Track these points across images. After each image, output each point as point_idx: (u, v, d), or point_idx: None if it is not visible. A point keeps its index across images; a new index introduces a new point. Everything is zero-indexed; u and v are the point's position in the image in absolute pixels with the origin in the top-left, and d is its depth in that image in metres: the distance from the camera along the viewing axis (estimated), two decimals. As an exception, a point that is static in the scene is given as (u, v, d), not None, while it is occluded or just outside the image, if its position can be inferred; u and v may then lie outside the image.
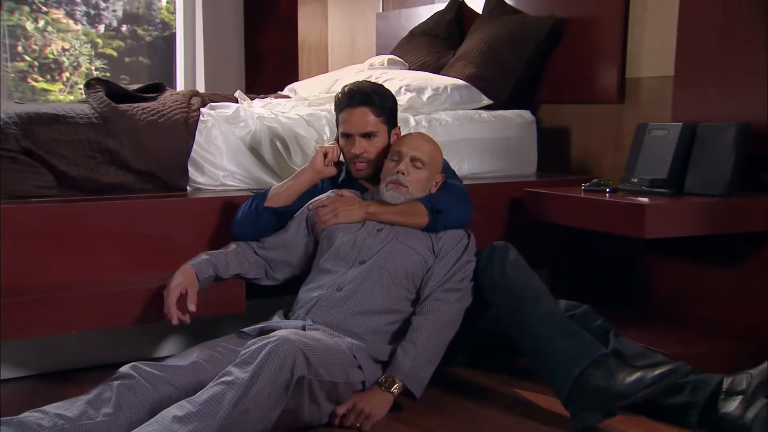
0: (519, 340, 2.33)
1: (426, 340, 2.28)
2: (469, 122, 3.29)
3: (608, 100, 3.41)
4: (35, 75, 5.46)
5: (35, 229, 2.36)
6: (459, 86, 3.41)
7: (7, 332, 2.22)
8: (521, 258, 2.44)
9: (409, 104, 3.25)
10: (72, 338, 2.56)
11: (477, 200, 2.87)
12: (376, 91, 2.57)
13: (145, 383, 1.98)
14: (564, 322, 2.29)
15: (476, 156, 3.29)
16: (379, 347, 2.30)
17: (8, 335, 2.25)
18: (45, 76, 5.46)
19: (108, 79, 2.93)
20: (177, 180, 2.70)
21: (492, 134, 3.33)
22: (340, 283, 2.35)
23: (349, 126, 2.55)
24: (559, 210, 2.89)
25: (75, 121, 2.54)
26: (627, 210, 2.62)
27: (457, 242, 2.47)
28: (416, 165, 2.48)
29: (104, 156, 2.58)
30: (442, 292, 2.37)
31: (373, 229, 2.47)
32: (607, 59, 3.41)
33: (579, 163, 3.60)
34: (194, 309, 2.28)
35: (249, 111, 2.93)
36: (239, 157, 2.82)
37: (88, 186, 2.57)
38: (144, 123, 2.64)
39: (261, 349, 1.93)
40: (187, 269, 2.35)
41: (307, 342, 2.01)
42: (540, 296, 2.33)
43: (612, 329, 2.42)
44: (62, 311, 2.30)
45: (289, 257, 2.53)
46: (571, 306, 2.49)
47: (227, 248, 2.49)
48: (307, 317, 2.31)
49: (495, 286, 2.38)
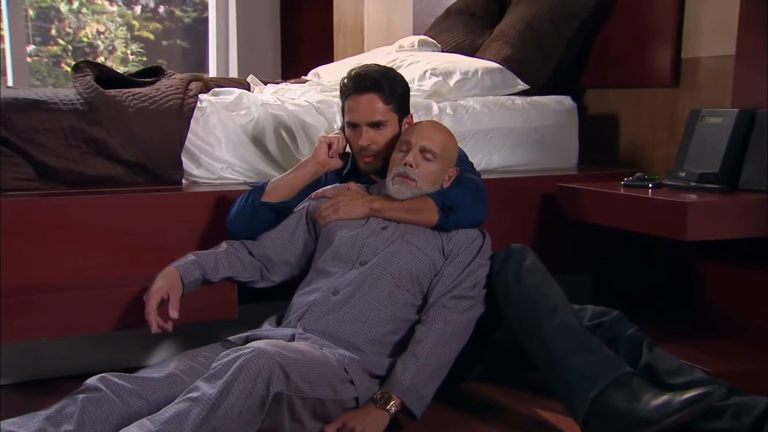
0: (533, 354, 2.24)
1: (429, 352, 2.18)
2: (499, 109, 3.19)
3: (661, 83, 3.28)
4: (69, 59, 5.48)
5: (10, 226, 2.32)
6: (491, 70, 3.31)
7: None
8: (540, 263, 2.33)
9: (433, 90, 3.16)
10: (54, 344, 2.52)
11: (504, 196, 2.85)
12: (385, 76, 2.47)
13: (113, 397, 1.91)
14: (582, 336, 2.17)
15: (508, 147, 3.19)
16: (378, 360, 2.21)
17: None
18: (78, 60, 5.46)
19: (99, 63, 2.88)
20: (170, 172, 2.64)
21: (526, 123, 3.22)
22: (336, 286, 2.27)
23: (355, 114, 2.47)
24: (593, 208, 2.78)
25: (57, 108, 2.50)
26: (667, 209, 2.50)
27: (469, 243, 2.37)
28: (426, 156, 2.38)
29: (90, 146, 2.53)
30: (450, 299, 2.27)
31: (377, 226, 2.39)
32: (659, 37, 3.27)
33: (628, 155, 3.47)
34: (176, 316, 2.22)
35: (252, 97, 2.86)
36: (239, 148, 2.76)
37: (71, 178, 2.52)
38: (134, 110, 2.59)
39: (232, 362, 1.85)
40: (171, 271, 2.28)
41: (287, 354, 1.93)
42: (557, 305, 2.22)
43: (645, 340, 2.30)
44: (38, 316, 2.25)
45: (286, 256, 2.45)
46: (599, 313, 2.37)
47: (217, 248, 2.43)
48: (298, 324, 2.23)
49: (509, 293, 2.29)
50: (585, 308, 2.38)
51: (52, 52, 5.44)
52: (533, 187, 3.02)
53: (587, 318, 2.35)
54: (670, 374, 2.18)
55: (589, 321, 2.34)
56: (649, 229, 2.58)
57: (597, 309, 2.39)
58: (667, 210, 2.50)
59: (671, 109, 3.27)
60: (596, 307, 2.40)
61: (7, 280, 2.30)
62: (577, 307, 2.38)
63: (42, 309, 2.26)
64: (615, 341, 2.28)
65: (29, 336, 2.31)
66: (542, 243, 2.97)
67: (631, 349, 2.26)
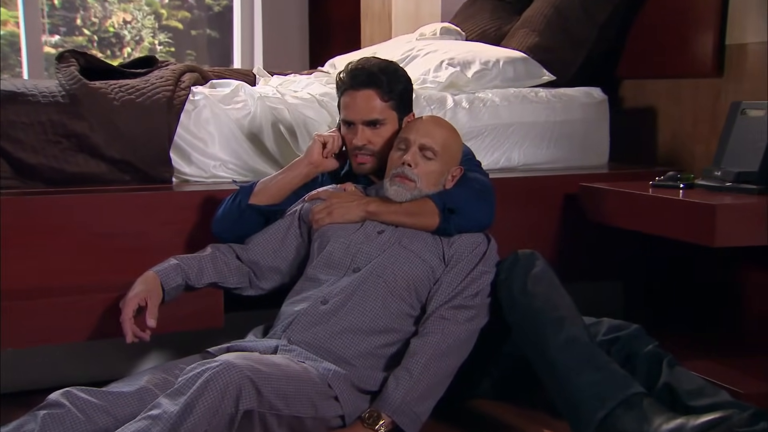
0: (537, 369, 2.19)
1: (424, 367, 2.13)
2: (520, 102, 3.13)
3: (702, 72, 3.19)
4: (94, 50, 5.53)
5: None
6: (514, 59, 3.25)
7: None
8: (550, 270, 2.29)
9: (450, 82, 3.12)
10: (25, 355, 2.50)
11: (523, 196, 2.83)
12: (384, 70, 2.43)
13: (76, 413, 1.88)
14: (591, 351, 2.12)
15: (530, 143, 3.13)
16: (369, 374, 2.16)
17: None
18: (105, 52, 5.54)
19: (86, 52, 2.87)
20: (158, 170, 2.62)
21: (550, 117, 3.16)
22: (326, 295, 2.23)
23: (350, 112, 2.43)
24: (616, 210, 2.73)
25: (36, 100, 2.49)
26: (693, 211, 2.43)
27: (472, 249, 2.32)
28: (426, 155, 2.34)
29: (71, 141, 2.52)
30: (449, 309, 2.22)
31: (372, 231, 2.34)
32: (701, 22, 3.18)
33: (666, 153, 3.40)
34: (153, 324, 2.19)
35: (249, 90, 2.83)
36: (233, 144, 2.73)
37: (51, 176, 2.51)
38: (119, 103, 2.57)
39: (197, 376, 1.81)
40: (150, 276, 2.26)
41: (259, 368, 1.89)
42: (564, 318, 2.17)
43: (666, 357, 2.23)
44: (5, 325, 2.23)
45: (277, 262, 2.42)
46: (616, 326, 2.32)
47: (203, 252, 2.40)
48: (283, 336, 2.19)
49: (513, 302, 2.24)
50: (601, 321, 2.34)
51: (77, 42, 5.50)
52: (556, 187, 2.96)
53: (603, 332, 2.30)
54: (692, 395, 2.12)
55: (604, 335, 2.29)
56: (676, 234, 2.52)
57: (614, 322, 2.33)
58: (693, 213, 2.43)
59: (714, 100, 3.18)
60: (613, 320, 2.35)
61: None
62: (593, 320, 2.34)
63: (10, 318, 2.24)
64: (632, 358, 2.23)
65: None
66: (567, 248, 2.93)
67: (650, 367, 2.21)
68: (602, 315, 2.41)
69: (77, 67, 2.69)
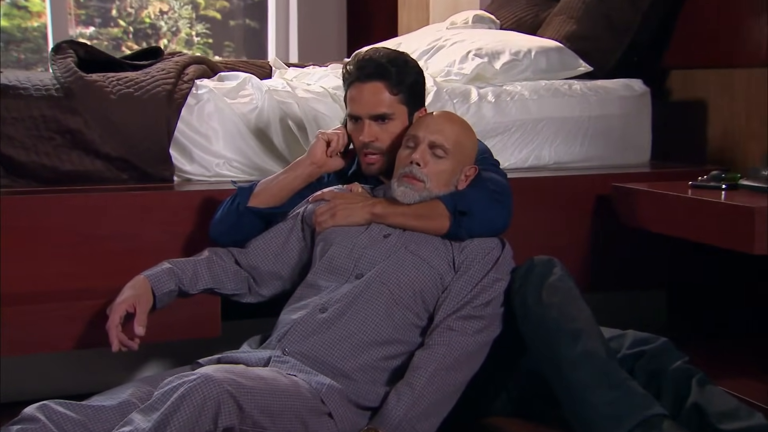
0: (552, 385, 2.17)
1: (428, 381, 2.09)
2: (552, 96, 3.09)
3: (756, 61, 3.13)
4: (130, 42, 5.59)
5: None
6: (547, 49, 3.22)
7: None
8: (568, 279, 2.25)
9: (476, 74, 3.09)
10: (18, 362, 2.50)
11: (551, 198, 2.81)
12: (393, 61, 2.40)
13: (52, 429, 1.87)
14: (607, 368, 2.09)
15: (562, 140, 3.09)
16: (370, 389, 2.13)
17: None
18: (140, 44, 5.61)
19: (86, 43, 2.88)
20: (158, 168, 2.62)
21: (584, 111, 3.11)
22: (325, 303, 2.20)
23: (356, 106, 2.40)
24: (649, 212, 2.68)
25: (28, 94, 2.50)
26: (730, 215, 2.38)
27: (485, 254, 2.28)
28: (436, 153, 2.30)
29: (65, 138, 2.53)
30: (457, 320, 2.18)
31: (378, 234, 2.32)
32: (757, 6, 3.12)
33: (717, 149, 3.34)
34: (142, 332, 2.18)
35: (257, 82, 2.82)
36: (239, 141, 2.72)
37: (44, 175, 2.52)
38: (116, 97, 2.57)
39: (173, 391, 1.79)
40: (140, 281, 2.25)
41: (242, 382, 1.86)
42: (581, 331, 2.13)
43: (697, 374, 2.20)
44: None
45: (277, 267, 2.40)
46: (642, 339, 2.29)
47: (199, 255, 2.39)
48: (278, 346, 2.17)
49: (527, 313, 2.21)
50: (625, 333, 2.31)
51: (113, 34, 5.57)
52: (589, 188, 2.91)
53: (627, 345, 2.28)
54: (722, 418, 2.08)
55: (628, 349, 2.26)
56: (712, 240, 2.48)
57: (640, 335, 2.31)
58: (730, 217, 2.38)
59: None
60: (639, 332, 2.32)
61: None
62: (617, 332, 2.31)
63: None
64: (658, 375, 2.20)
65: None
66: (601, 254, 2.90)
67: (678, 385, 2.18)
68: (644, 327, 2.38)
69: (74, 59, 2.70)
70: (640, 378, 2.18)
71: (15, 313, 2.27)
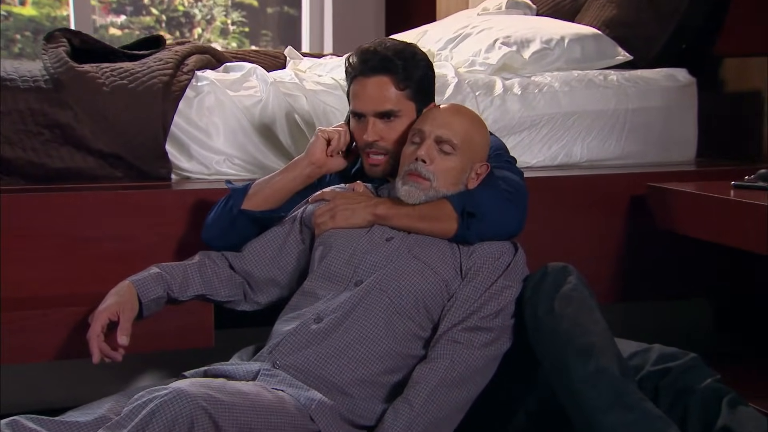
0: (563, 403, 2.13)
1: (428, 398, 2.06)
2: (585, 87, 3.05)
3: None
4: (162, 31, 5.65)
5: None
6: (582, 37, 3.19)
7: None
8: (584, 288, 2.20)
9: (502, 64, 3.07)
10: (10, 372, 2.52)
11: (582, 199, 2.79)
12: (399, 54, 2.37)
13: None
14: (621, 387, 2.04)
15: (595, 136, 3.06)
16: (367, 406, 2.11)
17: None
18: (173, 33, 5.66)
19: (80, 31, 2.89)
20: (153, 165, 2.62)
21: (621, 104, 3.08)
22: (320, 312, 2.18)
23: (360, 102, 2.38)
24: (685, 214, 2.63)
25: (15, 85, 2.51)
26: (747, 213, 2.36)
27: (494, 259, 2.25)
28: (443, 149, 2.27)
29: (54, 132, 2.54)
30: (462, 331, 2.15)
31: (380, 237, 2.29)
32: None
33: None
34: (125, 342, 2.17)
35: (262, 74, 2.81)
36: (240, 136, 2.71)
37: (31, 172, 2.53)
38: (109, 89, 2.57)
39: (142, 407, 1.78)
40: (125, 287, 2.24)
41: (219, 397, 1.84)
42: (593, 346, 2.09)
43: (729, 394, 2.16)
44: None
45: (274, 273, 2.39)
46: (668, 355, 2.26)
47: (191, 260, 2.39)
48: (268, 358, 2.15)
49: (537, 324, 2.17)
50: (651, 348, 2.28)
51: (145, 23, 5.63)
52: (624, 188, 2.87)
53: (651, 361, 2.24)
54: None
55: (653, 365, 2.23)
56: (751, 246, 2.40)
57: (666, 350, 2.27)
58: (746, 215, 2.37)
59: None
60: (666, 347, 2.28)
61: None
62: (643, 346, 2.29)
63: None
64: (685, 394, 2.17)
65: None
66: (636, 260, 2.86)
67: (706, 406, 2.14)
68: (685, 340, 2.36)
69: (67, 48, 2.70)
70: (665, 397, 2.15)
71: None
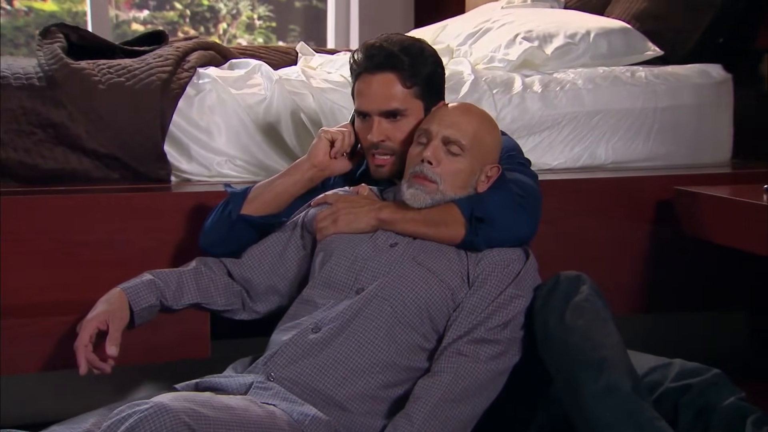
0: (573, 420, 2.10)
1: (429, 414, 2.03)
2: (610, 85, 3.04)
3: None
4: (186, 27, 5.67)
5: None
6: (609, 31, 3.18)
7: None
8: (597, 299, 2.18)
9: (523, 60, 3.06)
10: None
11: (607, 203, 2.79)
12: (406, 50, 2.35)
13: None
14: (632, 405, 2.01)
15: (621, 136, 3.05)
16: (366, 422, 2.08)
17: None
18: (198, 28, 5.68)
19: (78, 26, 2.89)
20: (151, 167, 2.62)
21: (650, 103, 3.06)
22: (319, 322, 2.16)
23: (365, 100, 2.37)
24: (714, 221, 2.61)
25: (7, 83, 2.52)
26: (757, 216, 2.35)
27: (503, 267, 2.22)
28: (451, 150, 2.25)
29: (47, 132, 2.54)
30: (468, 343, 2.12)
31: (384, 243, 2.27)
32: None
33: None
34: (114, 353, 2.16)
35: (267, 71, 2.80)
36: (243, 137, 2.71)
37: (23, 173, 2.54)
38: (105, 86, 2.58)
39: (121, 422, 1.76)
40: (116, 295, 2.23)
41: (203, 412, 1.82)
42: (605, 360, 2.06)
43: (754, 413, 2.15)
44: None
45: (274, 281, 2.38)
46: (690, 371, 2.25)
47: (186, 266, 2.38)
48: (263, 370, 2.13)
49: (547, 337, 2.15)
50: (671, 363, 2.27)
51: (168, 18, 5.65)
52: (651, 191, 2.85)
53: (671, 377, 2.22)
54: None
55: (673, 381, 2.21)
56: None
57: (688, 365, 2.25)
58: None
59: None
60: (687, 362, 2.26)
61: None
62: (663, 361, 2.27)
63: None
64: (707, 412, 2.16)
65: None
66: (665, 268, 2.84)
67: (729, 425, 2.13)
68: (717, 354, 2.34)
69: (63, 44, 2.71)
70: (685, 415, 2.14)
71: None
